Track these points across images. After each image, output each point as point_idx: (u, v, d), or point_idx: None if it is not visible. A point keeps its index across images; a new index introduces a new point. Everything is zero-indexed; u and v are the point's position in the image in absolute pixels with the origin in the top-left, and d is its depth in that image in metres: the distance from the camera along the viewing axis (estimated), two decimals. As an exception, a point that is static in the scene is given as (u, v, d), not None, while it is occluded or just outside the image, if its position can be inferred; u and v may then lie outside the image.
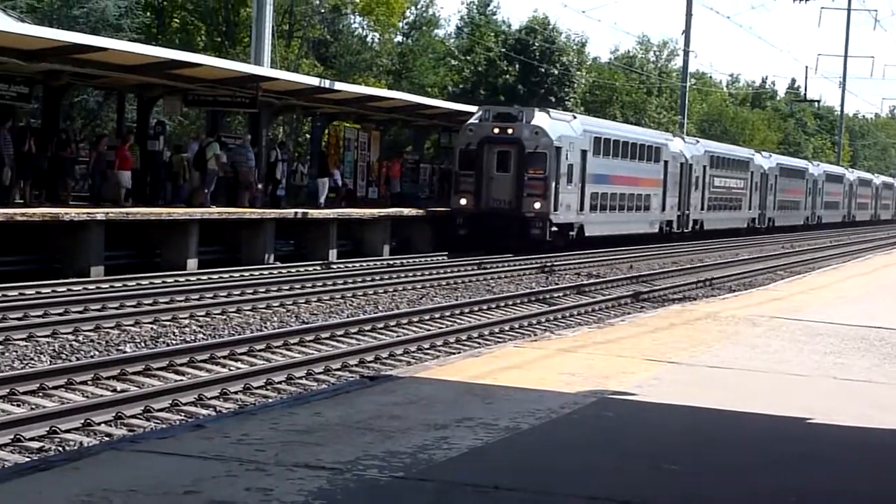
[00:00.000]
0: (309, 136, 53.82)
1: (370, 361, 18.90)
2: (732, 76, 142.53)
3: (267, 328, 21.85)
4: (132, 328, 20.84)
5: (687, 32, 77.13)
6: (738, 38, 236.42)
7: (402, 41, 76.77)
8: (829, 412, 10.73)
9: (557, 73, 77.86)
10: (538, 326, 24.26)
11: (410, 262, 38.40)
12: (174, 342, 19.72)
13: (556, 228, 44.46)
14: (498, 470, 7.97)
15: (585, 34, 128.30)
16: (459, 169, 44.85)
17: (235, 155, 37.37)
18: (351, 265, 36.08)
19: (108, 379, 16.12)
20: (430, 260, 39.93)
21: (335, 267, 35.51)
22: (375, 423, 9.17)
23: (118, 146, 33.70)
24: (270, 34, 42.70)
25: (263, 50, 41.16)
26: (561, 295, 30.53)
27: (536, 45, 77.58)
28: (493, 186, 44.06)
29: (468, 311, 26.01)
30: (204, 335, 20.71)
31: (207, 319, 22.53)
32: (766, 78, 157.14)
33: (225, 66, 36.30)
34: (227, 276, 30.61)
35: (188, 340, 19.93)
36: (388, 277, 32.30)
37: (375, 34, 72.16)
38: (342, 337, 21.16)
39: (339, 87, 42.21)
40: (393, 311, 25.19)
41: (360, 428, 8.96)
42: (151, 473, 7.53)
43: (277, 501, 6.91)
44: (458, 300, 27.91)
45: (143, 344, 19.44)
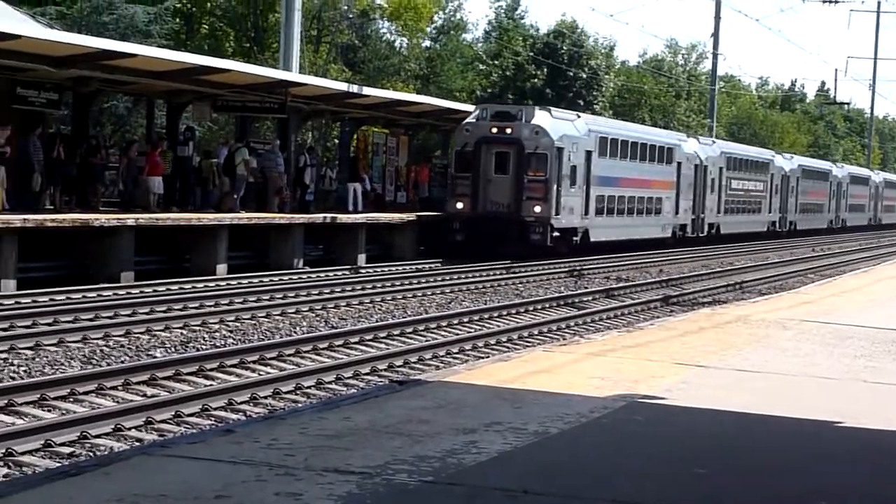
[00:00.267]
0: (337, 141, 53.91)
1: (399, 366, 18.92)
2: (761, 79, 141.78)
3: (296, 333, 21.89)
4: (162, 333, 20.90)
5: (716, 35, 77.09)
6: (767, 40, 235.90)
7: (430, 46, 76.79)
8: (858, 416, 10.69)
9: (586, 76, 77.78)
10: (567, 330, 24.22)
11: (438, 265, 38.37)
12: (204, 347, 19.77)
13: (557, 233, 42.27)
14: (527, 474, 7.97)
15: (613, 38, 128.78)
16: (456, 171, 42.88)
17: (265, 160, 37.45)
18: (379, 269, 36.11)
19: (138, 384, 16.18)
20: (458, 264, 39.86)
21: (364, 271, 35.54)
22: (404, 427, 9.18)
23: (148, 152, 33.82)
24: (299, 39, 42.80)
25: (292, 55, 41.26)
26: (590, 299, 30.50)
27: (564, 48, 77.51)
28: (490, 189, 41.86)
29: (497, 315, 26.00)
30: (234, 340, 20.75)
31: (237, 324, 22.59)
32: (795, 81, 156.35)
33: (254, 71, 36.38)
34: (256, 280, 30.67)
35: (218, 345, 19.99)
36: (416, 282, 32.31)
37: (403, 39, 72.22)
38: (371, 341, 21.18)
39: (367, 92, 42.23)
40: (422, 315, 25.20)
41: (389, 432, 8.98)
42: (181, 478, 7.56)
43: (307, 506, 6.94)
44: (486, 304, 27.91)
45: (173, 349, 19.49)
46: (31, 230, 26.71)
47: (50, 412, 14.46)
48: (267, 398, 15.93)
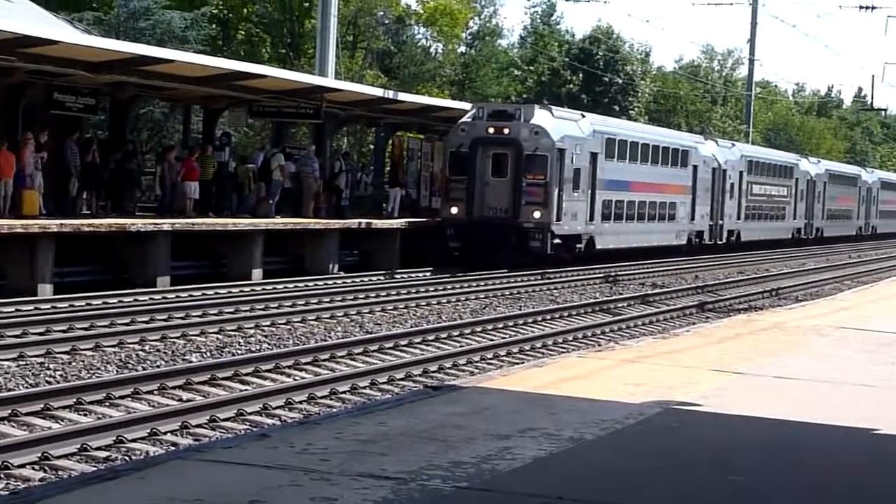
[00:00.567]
0: (373, 146, 53.98)
1: (433, 371, 18.91)
2: (798, 85, 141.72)
3: (331, 338, 21.90)
4: (198, 338, 20.95)
5: (752, 41, 77.00)
6: (803, 46, 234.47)
7: (465, 51, 76.86)
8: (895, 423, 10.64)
9: (621, 82, 77.74)
10: (602, 337, 24.18)
11: (473, 271, 38.28)
12: (239, 352, 19.81)
13: (558, 240, 39.70)
14: (562, 481, 7.95)
15: (649, 43, 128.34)
16: (450, 174, 40.27)
17: (301, 165, 37.53)
18: (414, 275, 36.11)
19: (173, 388, 16.22)
20: (492, 269, 39.74)
21: (398, 277, 35.55)
22: (439, 433, 9.17)
23: (186, 157, 33.94)
24: (335, 45, 42.89)
25: (328, 61, 41.36)
26: (625, 305, 30.42)
27: (600, 54, 77.49)
28: (487, 193, 39.21)
29: (531, 321, 25.97)
30: (269, 345, 20.79)
31: (272, 329, 22.62)
32: (831, 87, 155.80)
33: (290, 77, 36.49)
34: (291, 286, 30.71)
35: (253, 350, 20.02)
36: (451, 287, 32.30)
37: (439, 45, 72.34)
38: (406, 347, 21.19)
39: (402, 97, 42.29)
40: (456, 321, 25.18)
41: (423, 438, 8.97)
42: (217, 482, 7.58)
43: (341, 511, 6.94)
44: (521, 310, 27.87)
45: (208, 354, 19.54)
46: (67, 235, 26.83)
47: (86, 416, 14.51)
48: (302, 403, 15.95)
